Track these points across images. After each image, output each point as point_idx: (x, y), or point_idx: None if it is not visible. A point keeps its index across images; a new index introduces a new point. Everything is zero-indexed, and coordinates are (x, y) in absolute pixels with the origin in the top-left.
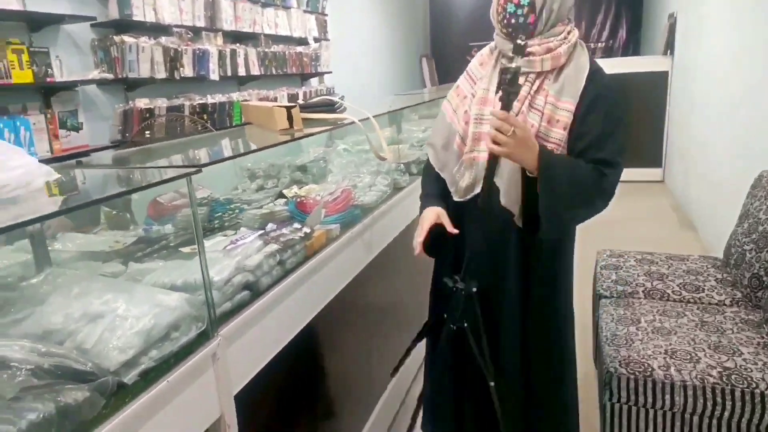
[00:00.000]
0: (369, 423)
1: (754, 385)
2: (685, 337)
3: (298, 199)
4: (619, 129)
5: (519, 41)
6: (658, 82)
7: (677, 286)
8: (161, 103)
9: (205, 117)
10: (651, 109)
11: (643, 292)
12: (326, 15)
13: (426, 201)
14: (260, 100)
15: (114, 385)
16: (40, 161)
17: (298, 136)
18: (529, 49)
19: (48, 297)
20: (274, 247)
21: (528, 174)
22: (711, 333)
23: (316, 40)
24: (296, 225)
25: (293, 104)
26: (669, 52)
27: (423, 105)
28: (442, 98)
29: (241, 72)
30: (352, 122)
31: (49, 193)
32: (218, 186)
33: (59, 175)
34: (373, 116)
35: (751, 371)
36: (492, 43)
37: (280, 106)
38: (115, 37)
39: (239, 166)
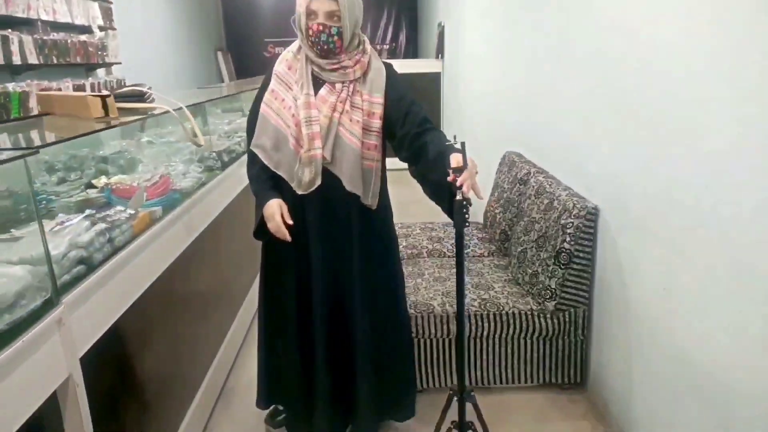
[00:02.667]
0: (194, 403)
1: (502, 308)
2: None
3: (114, 186)
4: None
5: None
6: (433, 82)
7: (450, 246)
8: None
9: None
10: (428, 107)
11: (426, 252)
12: (111, 3)
13: (264, 194)
14: (42, 90)
15: None
16: None
17: (116, 123)
18: (342, 64)
19: None
20: (102, 225)
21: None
22: (474, 276)
23: (101, 28)
24: (119, 207)
25: (107, 93)
26: (440, 55)
27: (226, 98)
28: (244, 92)
29: (16, 60)
30: (167, 111)
31: None
32: (14, 182)
33: None
34: (185, 106)
35: (500, 299)
36: (293, 46)
37: (94, 95)
38: None
39: (35, 160)
